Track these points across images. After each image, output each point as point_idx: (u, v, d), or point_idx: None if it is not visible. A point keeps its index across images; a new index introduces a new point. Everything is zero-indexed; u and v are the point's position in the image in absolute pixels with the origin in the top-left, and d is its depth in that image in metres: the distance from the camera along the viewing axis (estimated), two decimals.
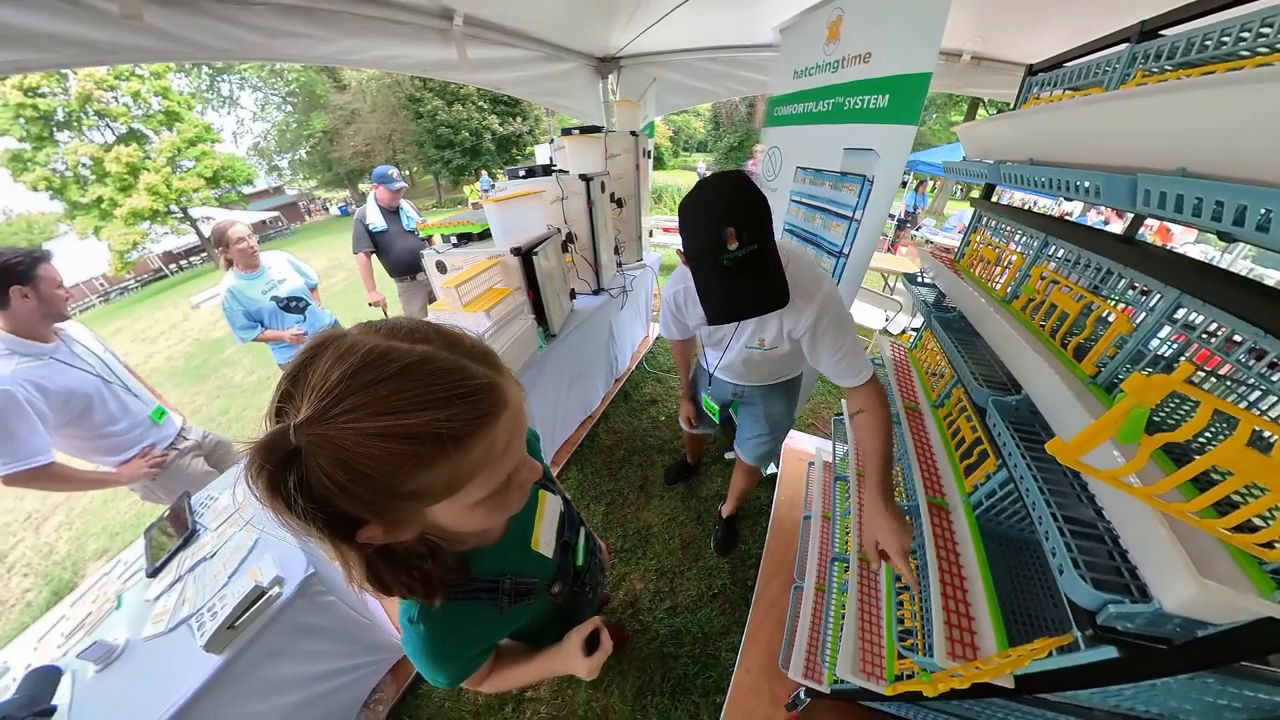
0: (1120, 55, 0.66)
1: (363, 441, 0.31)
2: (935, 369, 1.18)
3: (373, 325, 0.37)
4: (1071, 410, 0.54)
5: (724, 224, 0.71)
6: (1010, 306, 0.82)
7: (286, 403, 0.33)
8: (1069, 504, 0.59)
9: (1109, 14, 1.25)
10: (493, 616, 0.56)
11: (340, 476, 0.31)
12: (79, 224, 16.12)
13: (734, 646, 1.56)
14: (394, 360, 0.33)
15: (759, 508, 2.07)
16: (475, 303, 1.49)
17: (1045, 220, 0.80)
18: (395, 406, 0.31)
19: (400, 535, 0.39)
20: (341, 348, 0.33)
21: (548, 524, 0.67)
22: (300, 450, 0.31)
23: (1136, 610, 0.43)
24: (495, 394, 0.36)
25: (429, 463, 0.33)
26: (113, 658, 0.98)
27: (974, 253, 1.04)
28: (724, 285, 0.74)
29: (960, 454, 0.93)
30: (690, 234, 0.75)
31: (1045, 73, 0.86)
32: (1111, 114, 0.49)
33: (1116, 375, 0.60)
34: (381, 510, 0.35)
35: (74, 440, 1.37)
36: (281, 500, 0.31)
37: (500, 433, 0.36)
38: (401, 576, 0.43)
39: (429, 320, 0.40)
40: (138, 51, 1.15)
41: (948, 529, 0.88)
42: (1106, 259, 0.64)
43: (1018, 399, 0.67)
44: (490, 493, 0.39)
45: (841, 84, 1.25)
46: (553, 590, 0.65)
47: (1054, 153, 0.66)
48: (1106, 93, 0.61)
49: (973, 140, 0.92)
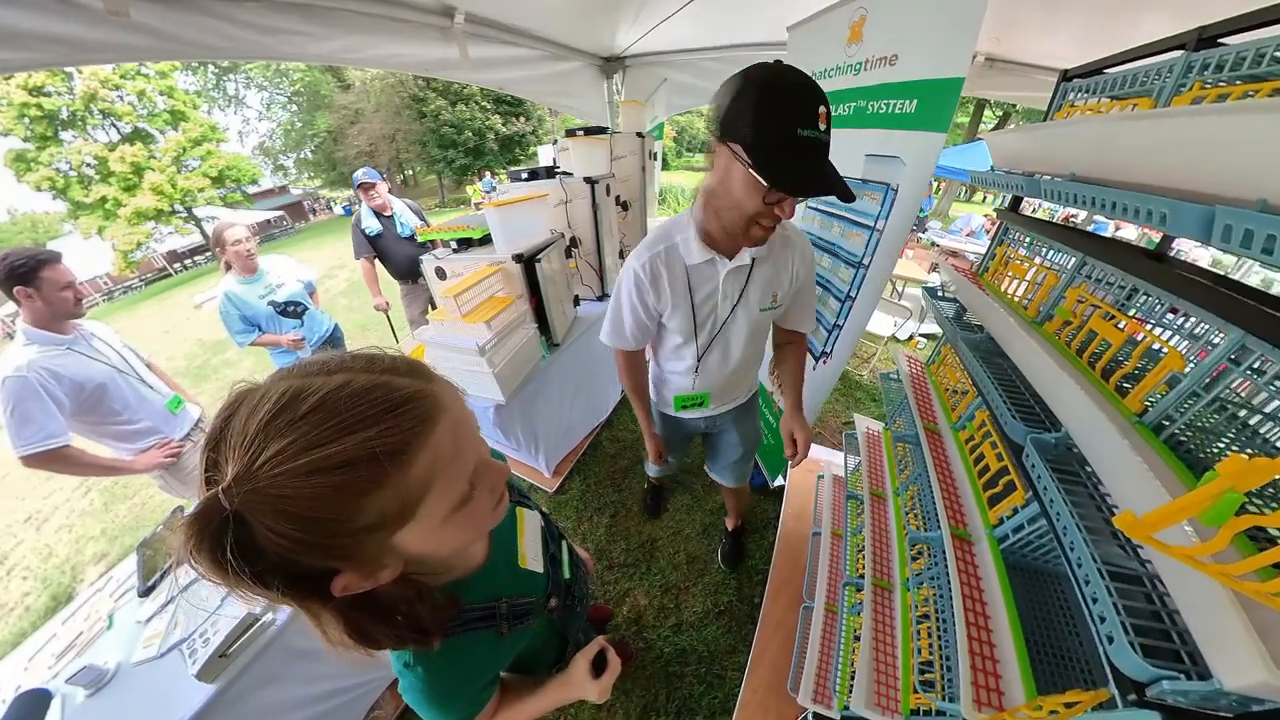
0: (1174, 63, 0.61)
1: (298, 484, 0.29)
2: (954, 386, 1.13)
3: (283, 371, 0.35)
4: (1121, 457, 0.50)
5: (818, 100, 0.66)
6: (1043, 329, 0.77)
7: (213, 470, 0.31)
8: (1101, 539, 0.55)
9: (1121, 14, 1.20)
10: (493, 644, 0.53)
11: (286, 528, 0.29)
12: (83, 224, 16.19)
13: (740, 666, 1.52)
14: (309, 395, 0.31)
15: (765, 521, 2.02)
16: (475, 312, 1.45)
17: (1082, 238, 0.75)
18: (320, 439, 0.30)
19: (380, 577, 0.36)
20: (254, 399, 0.32)
21: (531, 539, 0.66)
22: (237, 514, 0.29)
23: (1192, 688, 0.40)
24: (425, 401, 0.35)
25: (371, 487, 0.31)
26: (103, 683, 0.96)
27: (999, 267, 0.99)
28: (804, 162, 0.68)
29: (984, 482, 0.88)
30: (759, 105, 0.66)
31: (1082, 78, 0.81)
32: (1182, 131, 0.44)
33: (1168, 416, 0.55)
34: (346, 552, 0.33)
35: (91, 426, 1.42)
36: (228, 571, 0.29)
37: (441, 439, 0.35)
38: (388, 626, 0.40)
39: (348, 350, 0.38)
40: (125, 50, 1.12)
41: (970, 563, 0.84)
42: (1155, 286, 0.59)
43: (1057, 437, 0.62)
44: (455, 504, 0.37)
45: (864, 87, 1.19)
46: (550, 606, 0.64)
47: (1100, 169, 0.61)
48: (1178, 107, 0.55)
49: (1002, 149, 0.87)
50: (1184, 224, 0.43)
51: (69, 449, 1.29)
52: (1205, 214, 0.40)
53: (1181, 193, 0.46)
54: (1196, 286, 0.52)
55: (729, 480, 1.52)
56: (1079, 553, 0.53)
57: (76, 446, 1.33)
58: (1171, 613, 0.48)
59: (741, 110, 0.68)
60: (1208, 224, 0.40)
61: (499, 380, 1.50)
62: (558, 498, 2.22)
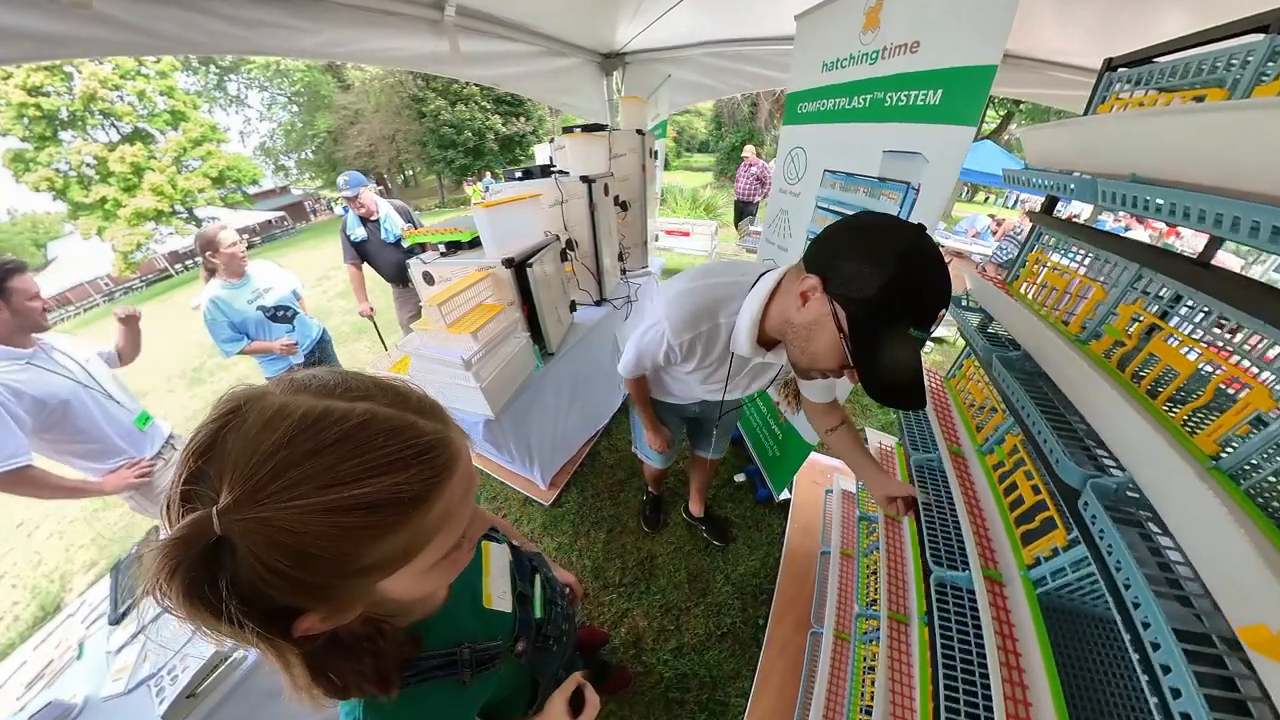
0: (1253, 48, 0.52)
1: (312, 520, 0.27)
2: (978, 402, 1.04)
3: (297, 382, 0.33)
4: (1206, 513, 0.41)
5: (944, 301, 0.59)
6: (1088, 349, 0.68)
7: (197, 483, 0.28)
8: (1160, 595, 0.47)
9: (1139, 8, 1.11)
10: (455, 694, 0.49)
11: (280, 563, 0.27)
12: (83, 224, 16.18)
13: (744, 692, 1.44)
14: (335, 422, 0.29)
15: (771, 537, 1.94)
16: (460, 323, 1.36)
17: (1134, 246, 0.67)
18: (347, 475, 0.28)
19: (342, 618, 0.34)
20: (267, 412, 0.29)
21: (497, 576, 0.61)
22: (224, 541, 0.26)
23: None
24: (448, 449, 0.34)
25: (388, 531, 0.30)
26: (69, 719, 0.90)
27: (1030, 274, 0.90)
28: (900, 364, 0.61)
29: (1015, 517, 0.79)
30: (889, 286, 0.58)
31: (1130, 68, 0.72)
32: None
33: (1250, 462, 0.46)
34: (327, 593, 0.31)
35: (56, 445, 1.35)
36: (206, 607, 0.26)
37: (455, 489, 0.34)
38: (353, 668, 0.37)
39: (358, 372, 0.37)
40: (93, 44, 1.06)
41: (1002, 608, 0.75)
42: (1229, 305, 0.51)
43: (1118, 481, 0.54)
44: (445, 552, 0.36)
45: (882, 78, 1.10)
46: (516, 650, 0.58)
47: (1170, 168, 0.52)
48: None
49: (1040, 145, 0.78)
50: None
51: (32, 470, 1.22)
52: None
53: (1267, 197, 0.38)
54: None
55: (718, 451, 1.61)
56: (1156, 631, 0.44)
57: (40, 468, 1.26)
58: (1240, 677, 0.41)
59: (865, 276, 0.59)
60: None
61: (487, 395, 1.42)
62: (554, 511, 2.14)
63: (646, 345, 0.96)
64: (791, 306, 0.71)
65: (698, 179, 16.74)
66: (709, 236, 5.85)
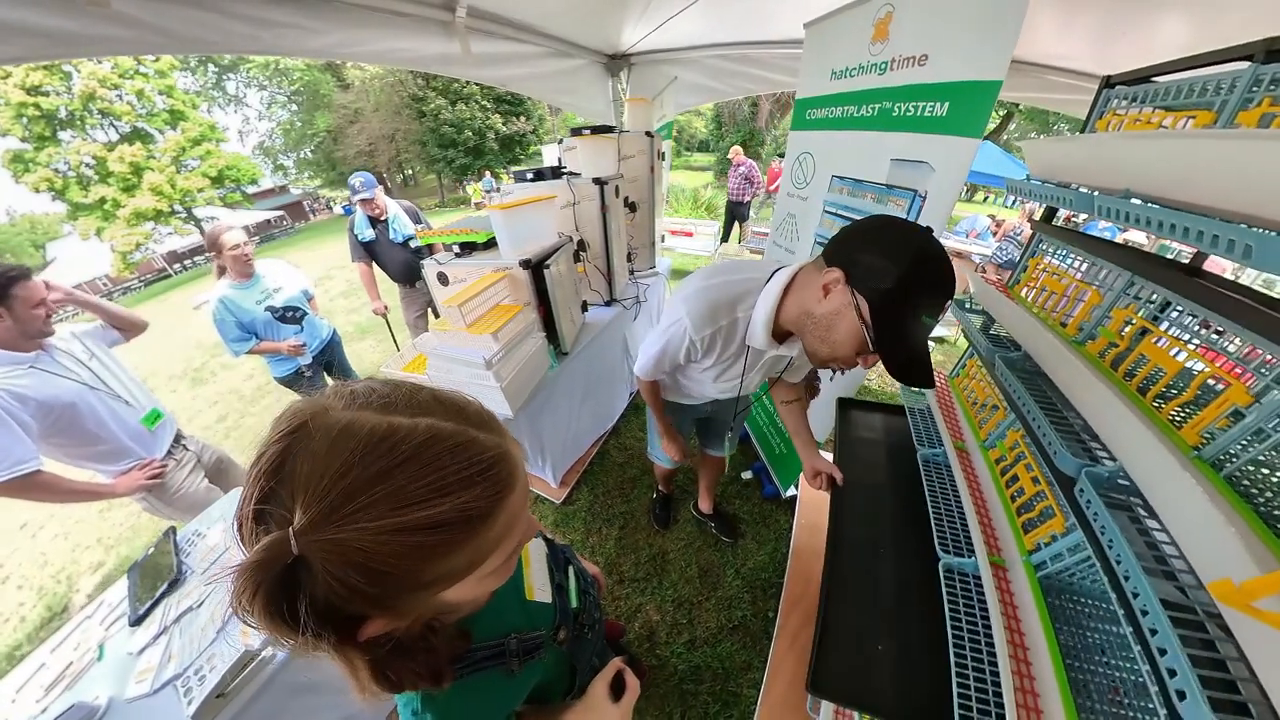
0: (1237, 77, 0.57)
1: (384, 540, 0.28)
2: (981, 400, 1.09)
3: (359, 396, 0.34)
4: (1191, 503, 0.46)
5: (949, 294, 0.67)
6: (1084, 350, 0.73)
7: (269, 503, 0.28)
8: (1153, 577, 0.52)
9: (1139, 16, 1.15)
10: (505, 683, 0.52)
11: (355, 580, 0.28)
12: (82, 225, 16.07)
13: (756, 683, 1.49)
14: (402, 441, 0.30)
15: (778, 533, 1.98)
16: (480, 323, 1.40)
17: (1126, 253, 0.71)
18: (417, 496, 0.29)
19: (403, 623, 0.36)
20: (333, 430, 0.29)
21: (536, 569, 0.65)
22: (301, 560, 0.27)
23: None
24: (509, 463, 0.35)
25: (455, 549, 0.31)
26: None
27: (1031, 279, 0.95)
28: (917, 348, 0.70)
29: (1017, 507, 0.84)
30: (905, 278, 0.66)
31: (1128, 86, 0.77)
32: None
33: (1228, 452, 0.51)
34: (395, 605, 0.32)
35: (65, 449, 1.34)
36: (286, 624, 0.27)
37: (516, 502, 0.35)
38: (409, 666, 0.39)
39: (415, 383, 0.38)
40: (109, 42, 1.06)
41: (1006, 591, 0.80)
42: (1212, 312, 0.55)
43: (1110, 470, 0.58)
44: (504, 559, 0.38)
45: (890, 88, 1.14)
46: (559, 638, 0.62)
47: (1162, 187, 0.57)
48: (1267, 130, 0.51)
49: (1042, 158, 0.82)
50: (1270, 259, 0.39)
51: (42, 475, 1.21)
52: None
53: (1264, 221, 0.43)
54: (1264, 317, 0.48)
55: (729, 448, 1.61)
56: (1144, 600, 0.49)
57: (51, 472, 1.24)
58: (1231, 659, 0.45)
59: (884, 270, 0.66)
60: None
61: (506, 394, 1.46)
62: (565, 509, 2.18)
63: (668, 343, 0.98)
64: (811, 299, 0.77)
65: (698, 179, 16.75)
66: (713, 237, 5.89)
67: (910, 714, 0.77)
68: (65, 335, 1.40)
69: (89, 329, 1.52)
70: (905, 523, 1.02)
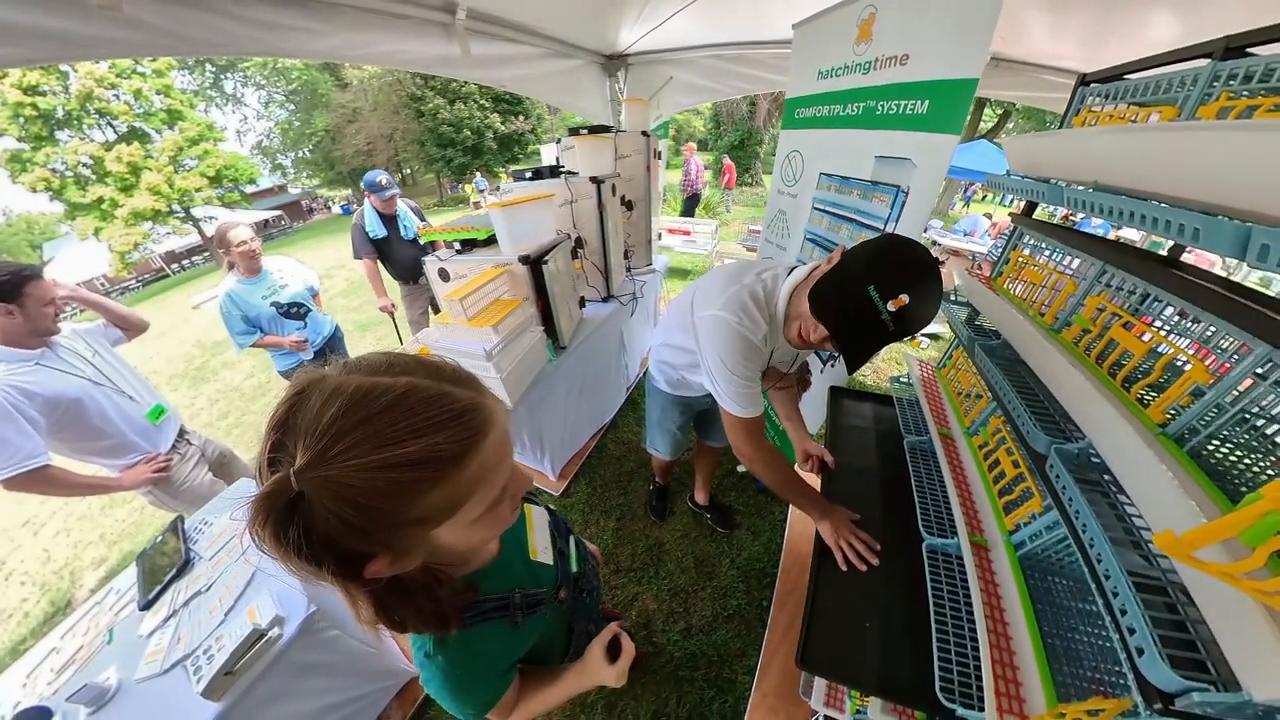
0: (1199, 73, 0.60)
1: (367, 476, 0.32)
2: (966, 390, 1.12)
3: (350, 364, 0.39)
4: (1150, 471, 0.49)
5: (910, 276, 0.74)
6: (1060, 336, 0.76)
7: (279, 451, 0.33)
8: (1121, 548, 0.55)
9: (1129, 15, 1.18)
10: (509, 633, 0.56)
11: (347, 513, 0.32)
12: (79, 225, 16.01)
13: (750, 670, 1.52)
14: (382, 395, 0.34)
15: (773, 524, 2.02)
16: (482, 316, 1.44)
17: (1100, 244, 0.75)
18: (392, 438, 0.33)
19: (406, 565, 0.40)
20: (326, 390, 0.34)
21: (540, 532, 0.70)
22: (302, 496, 0.32)
23: (1221, 700, 0.41)
24: (481, 414, 0.38)
25: (430, 485, 0.35)
26: (105, 700, 0.93)
27: (1012, 272, 0.98)
28: (857, 319, 0.77)
29: (999, 489, 0.88)
30: (870, 249, 0.78)
31: (1101, 83, 0.80)
32: (1222, 145, 0.43)
33: (1191, 428, 0.54)
34: (388, 540, 0.36)
35: (71, 444, 1.36)
36: (289, 548, 0.32)
37: (490, 449, 0.38)
38: (413, 609, 0.44)
39: (401, 351, 0.43)
40: (120, 45, 1.09)
41: (988, 569, 0.83)
42: (1186, 300, 0.58)
43: (1079, 447, 0.62)
44: (488, 507, 0.41)
45: (873, 87, 1.18)
46: (560, 597, 0.67)
47: (1124, 178, 0.60)
48: (1213, 120, 0.54)
49: (1020, 154, 0.86)
50: (1218, 240, 0.42)
51: (50, 469, 1.24)
52: (1240, 232, 0.39)
53: (1215, 207, 0.46)
54: (1220, 299, 0.51)
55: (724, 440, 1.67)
56: (1107, 565, 0.52)
57: (58, 466, 1.27)
58: (1195, 623, 0.48)
59: (856, 251, 0.80)
60: (1243, 242, 0.39)
61: (506, 385, 1.49)
62: (563, 501, 2.21)
63: (744, 356, 0.92)
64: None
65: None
66: (710, 235, 5.91)
67: (895, 686, 0.80)
68: (68, 333, 1.42)
69: (90, 328, 1.55)
70: (892, 507, 1.05)
